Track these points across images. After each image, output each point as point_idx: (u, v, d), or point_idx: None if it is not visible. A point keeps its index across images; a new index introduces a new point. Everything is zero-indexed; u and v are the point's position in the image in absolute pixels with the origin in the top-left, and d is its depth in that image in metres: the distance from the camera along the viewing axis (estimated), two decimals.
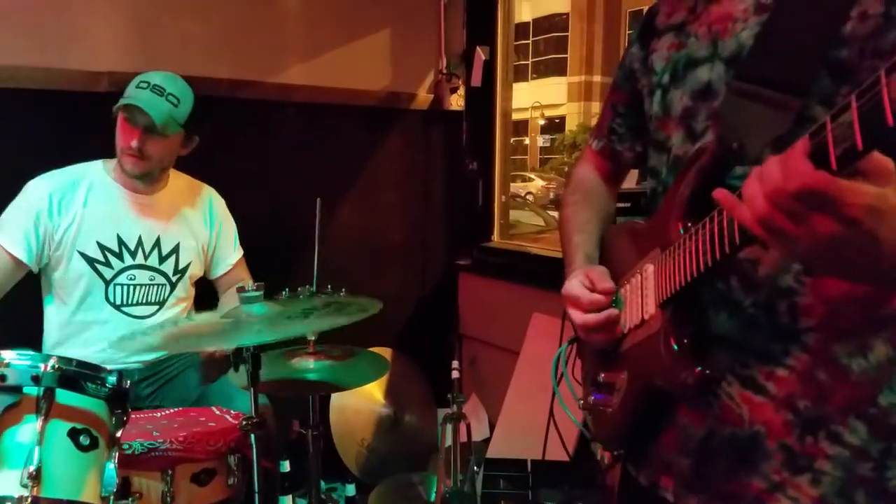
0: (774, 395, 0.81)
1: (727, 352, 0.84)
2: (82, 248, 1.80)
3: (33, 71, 2.05)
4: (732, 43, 0.85)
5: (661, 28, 0.98)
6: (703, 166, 0.83)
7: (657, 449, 0.94)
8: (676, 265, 0.80)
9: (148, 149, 1.78)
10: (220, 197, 2.07)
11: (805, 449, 0.79)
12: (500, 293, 2.90)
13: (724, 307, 0.84)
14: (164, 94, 1.76)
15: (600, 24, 28.38)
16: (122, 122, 1.77)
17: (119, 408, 1.24)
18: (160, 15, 2.27)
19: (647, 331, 0.88)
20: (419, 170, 2.99)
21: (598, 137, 1.17)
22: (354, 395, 2.56)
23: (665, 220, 0.86)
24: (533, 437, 2.31)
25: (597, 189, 1.18)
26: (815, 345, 0.79)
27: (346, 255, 2.63)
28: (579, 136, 24.15)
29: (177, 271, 1.93)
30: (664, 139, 0.95)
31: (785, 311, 0.80)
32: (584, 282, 0.99)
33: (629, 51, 1.07)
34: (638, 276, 0.92)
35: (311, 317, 1.32)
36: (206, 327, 1.36)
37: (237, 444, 1.50)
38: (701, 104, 0.88)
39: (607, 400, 1.00)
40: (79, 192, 1.80)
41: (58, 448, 1.14)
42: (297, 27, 2.58)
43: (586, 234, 1.11)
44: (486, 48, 2.91)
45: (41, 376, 1.13)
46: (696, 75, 0.89)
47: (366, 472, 2.55)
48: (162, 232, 1.90)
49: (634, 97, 1.05)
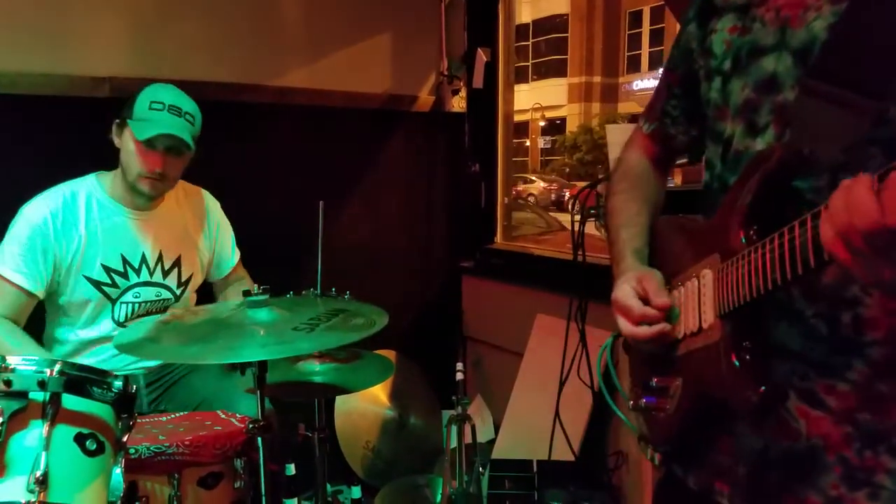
0: (833, 409, 0.79)
1: (786, 363, 0.81)
2: (87, 273, 1.76)
3: (35, 77, 2.05)
4: (803, 33, 0.78)
5: (722, 6, 0.91)
6: (769, 171, 0.77)
7: (712, 453, 0.91)
8: (740, 277, 0.75)
9: (168, 171, 1.76)
10: (215, 200, 2.05)
11: (864, 462, 0.77)
12: (504, 295, 2.90)
13: (784, 317, 0.81)
14: (182, 115, 1.73)
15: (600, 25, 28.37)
16: (141, 147, 1.71)
17: (125, 412, 1.24)
18: (162, 20, 2.27)
19: (706, 340, 0.84)
20: (421, 172, 2.99)
21: (650, 120, 1.10)
22: (359, 397, 2.55)
23: (725, 225, 0.81)
24: (538, 438, 2.31)
25: (646, 176, 1.11)
26: (879, 358, 0.76)
27: (349, 257, 2.63)
28: (580, 137, 24.12)
29: (181, 284, 1.92)
30: (722, 130, 0.90)
31: (849, 323, 0.77)
32: (638, 290, 0.93)
33: (685, 29, 1.00)
34: (694, 279, 0.88)
35: (318, 329, 1.31)
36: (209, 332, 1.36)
37: (243, 448, 1.50)
38: (765, 97, 0.83)
39: (660, 403, 0.96)
40: (79, 214, 1.76)
41: (64, 453, 1.14)
42: (298, 31, 2.58)
43: (636, 229, 1.04)
44: (488, 50, 2.91)
45: (47, 381, 1.13)
46: (760, 65, 0.83)
47: (371, 475, 2.54)
48: (164, 247, 1.88)
49: (691, 78, 0.99)
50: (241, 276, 2.09)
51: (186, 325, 1.42)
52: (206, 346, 1.28)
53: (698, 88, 0.97)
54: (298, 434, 1.71)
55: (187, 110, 1.76)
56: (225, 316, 1.38)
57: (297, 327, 1.31)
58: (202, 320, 1.43)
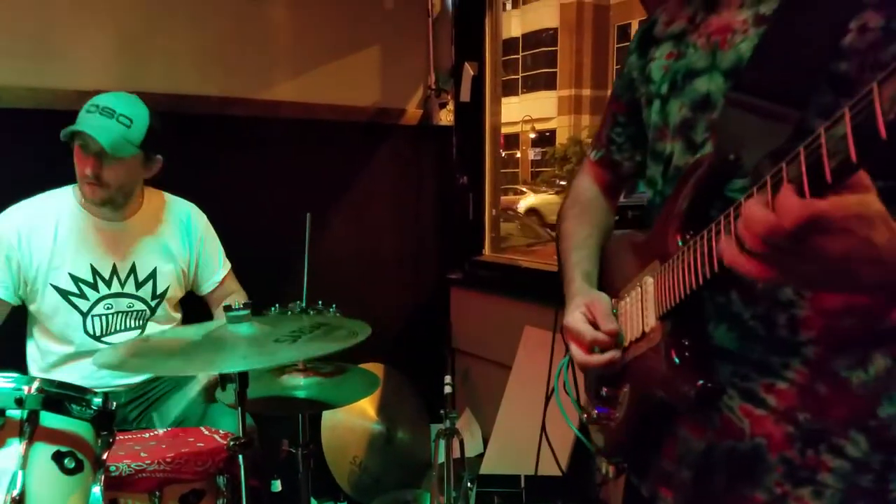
0: (775, 408, 0.81)
1: (727, 364, 0.84)
2: (55, 281, 1.75)
3: (20, 90, 2.04)
4: (732, 54, 0.84)
5: (660, 37, 0.98)
6: (701, 178, 0.83)
7: (658, 460, 0.94)
8: (676, 278, 0.80)
9: (105, 175, 1.71)
10: (200, 213, 2.02)
11: (806, 461, 0.79)
12: (492, 307, 2.89)
13: (724, 319, 0.84)
14: (114, 116, 1.68)
15: (589, 38, 28.66)
16: (77, 150, 1.71)
17: (105, 429, 1.23)
18: (149, 33, 2.27)
19: (648, 343, 0.87)
20: (409, 185, 2.99)
21: (598, 147, 1.16)
22: (346, 411, 2.54)
23: (664, 232, 0.86)
24: (527, 452, 2.30)
25: (596, 202, 1.17)
26: (815, 357, 0.79)
27: (336, 270, 2.62)
28: (570, 148, 24.30)
29: (155, 296, 1.89)
30: (662, 150, 0.94)
31: (784, 324, 0.80)
32: (588, 315, 0.97)
33: (628, 60, 1.06)
34: (638, 288, 0.92)
35: (300, 341, 1.31)
36: (190, 346, 1.34)
37: (226, 465, 1.48)
38: (700, 115, 0.88)
39: (611, 413, 0.99)
40: (48, 224, 1.75)
41: (42, 471, 1.12)
42: (286, 44, 2.59)
43: (585, 251, 1.09)
44: (475, 64, 2.93)
45: (25, 399, 1.12)
46: (694, 86, 0.88)
47: (358, 491, 2.52)
48: (137, 258, 1.86)
49: (634, 106, 1.04)
50: (233, 290, 2.08)
51: (168, 341, 1.40)
52: (186, 359, 1.27)
53: (641, 115, 1.02)
54: (282, 450, 1.69)
55: (123, 112, 1.70)
56: (206, 332, 1.36)
57: (279, 339, 1.30)
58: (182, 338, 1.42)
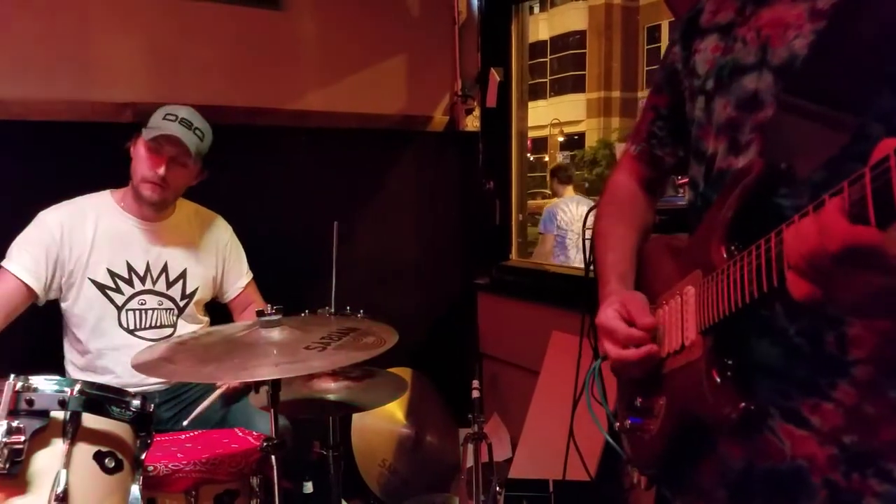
0: (818, 429, 0.77)
1: (769, 381, 0.80)
2: (93, 276, 1.84)
3: (58, 104, 2.12)
4: (784, 51, 0.78)
5: (706, 27, 0.92)
6: (748, 187, 0.78)
7: (695, 476, 0.91)
8: (720, 292, 0.76)
9: (170, 178, 1.84)
10: (226, 224, 2.12)
11: (851, 485, 0.75)
12: (519, 312, 2.90)
13: (766, 334, 0.80)
14: (191, 128, 1.85)
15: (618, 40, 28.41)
16: (148, 152, 1.83)
17: (143, 430, 1.27)
18: (181, 46, 2.34)
19: (688, 357, 0.84)
20: (436, 190, 3.01)
21: (637, 141, 1.10)
22: (375, 415, 2.56)
23: (706, 241, 0.81)
24: (555, 457, 2.30)
25: (634, 199, 1.11)
26: (864, 377, 0.74)
27: (364, 276, 2.65)
28: (599, 152, 24.06)
29: (184, 296, 1.97)
30: (705, 149, 0.90)
31: (832, 341, 0.76)
32: (622, 312, 0.93)
33: (671, 50, 1.01)
34: (678, 297, 0.88)
35: (330, 348, 1.33)
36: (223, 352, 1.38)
37: (259, 466, 1.52)
38: (746, 115, 0.83)
39: (645, 424, 0.96)
40: (88, 222, 1.85)
41: (84, 470, 1.17)
42: (313, 55, 2.64)
43: (621, 252, 1.04)
44: (501, 69, 2.94)
45: (67, 400, 1.16)
46: (741, 83, 0.83)
47: (388, 493, 2.54)
48: (169, 258, 1.95)
49: (677, 99, 1.00)
50: (253, 300, 2.13)
51: (201, 345, 1.44)
52: (220, 366, 1.30)
53: (684, 109, 0.97)
54: (313, 452, 1.73)
55: (197, 126, 1.87)
56: (239, 336, 1.41)
57: (309, 346, 1.33)
58: (216, 340, 1.46)
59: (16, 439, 1.10)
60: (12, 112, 2.04)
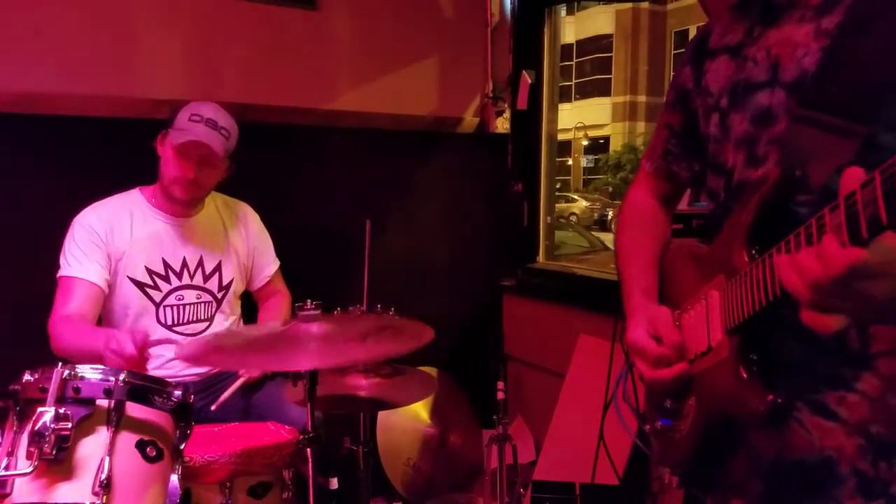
0: (846, 420, 0.81)
1: (795, 376, 0.84)
2: (132, 274, 1.87)
3: (96, 100, 2.16)
4: (794, 69, 0.83)
5: (715, 49, 0.98)
6: (766, 194, 0.83)
7: (727, 472, 0.94)
8: (744, 293, 0.80)
9: (201, 178, 1.87)
10: (254, 212, 2.14)
11: (879, 474, 0.79)
12: (546, 314, 2.90)
13: (791, 331, 0.82)
14: (216, 128, 1.85)
15: (645, 44, 28.19)
16: (176, 155, 1.83)
17: (183, 421, 1.29)
18: (218, 46, 2.38)
19: (715, 357, 0.87)
20: (465, 192, 3.03)
21: (652, 158, 1.16)
22: (400, 413, 2.58)
23: (728, 247, 0.86)
24: (580, 460, 2.29)
25: (652, 213, 1.17)
26: (887, 369, 0.78)
27: (393, 275, 2.67)
28: (624, 156, 23.89)
29: (221, 288, 2.00)
30: (723, 162, 0.94)
31: (855, 336, 0.80)
32: (651, 330, 0.97)
33: (681, 70, 1.07)
34: (703, 301, 0.91)
35: (368, 341, 1.36)
36: (266, 342, 1.41)
37: (292, 459, 1.54)
38: (761, 129, 0.87)
39: (675, 425, 0.99)
40: (125, 222, 1.88)
41: (126, 458, 1.19)
42: (347, 56, 2.66)
43: (643, 266, 1.10)
44: (532, 72, 2.94)
45: (112, 389, 1.19)
46: (755, 100, 0.88)
47: (411, 492, 2.56)
48: (204, 252, 1.98)
49: (689, 116, 1.05)
50: (279, 289, 2.16)
51: (244, 337, 1.48)
52: (265, 357, 1.33)
53: (697, 126, 1.02)
54: (343, 447, 1.74)
55: (223, 125, 1.87)
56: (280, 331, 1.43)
57: (348, 340, 1.35)
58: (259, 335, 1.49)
59: (63, 426, 1.12)
60: (56, 106, 2.08)
